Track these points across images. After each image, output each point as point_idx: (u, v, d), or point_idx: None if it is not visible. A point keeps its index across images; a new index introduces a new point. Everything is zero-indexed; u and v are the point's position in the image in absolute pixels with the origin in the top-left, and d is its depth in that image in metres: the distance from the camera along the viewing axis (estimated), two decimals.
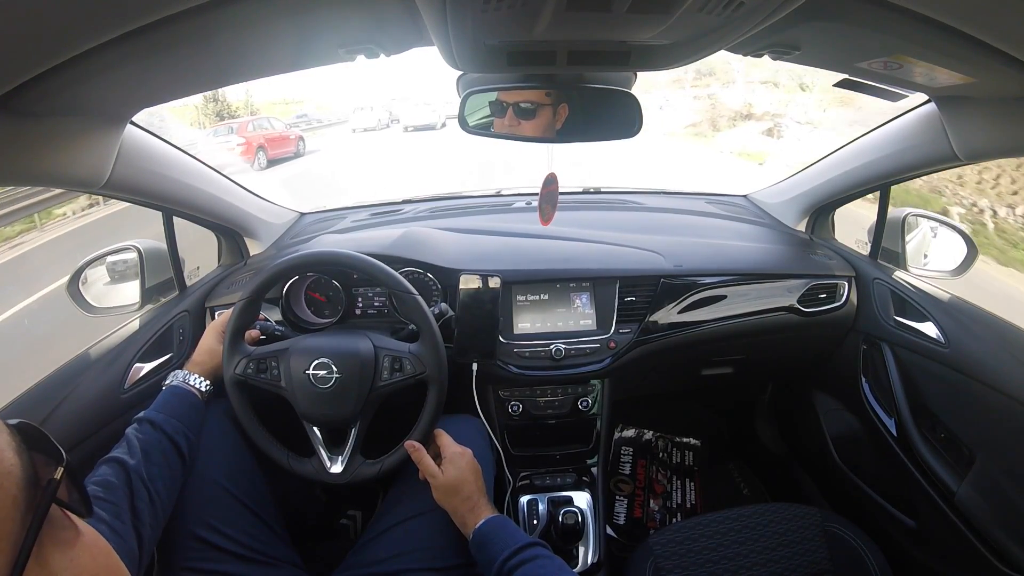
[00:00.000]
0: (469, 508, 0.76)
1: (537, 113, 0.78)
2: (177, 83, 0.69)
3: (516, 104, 0.78)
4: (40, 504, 0.29)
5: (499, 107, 0.79)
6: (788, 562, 0.87)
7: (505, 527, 0.74)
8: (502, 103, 0.78)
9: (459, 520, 0.76)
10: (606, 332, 1.08)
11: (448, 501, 0.77)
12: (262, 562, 0.76)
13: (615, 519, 1.33)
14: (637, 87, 0.78)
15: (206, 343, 0.91)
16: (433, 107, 15.90)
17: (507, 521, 0.76)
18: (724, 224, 1.35)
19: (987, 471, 0.87)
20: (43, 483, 0.30)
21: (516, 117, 0.79)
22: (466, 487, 0.77)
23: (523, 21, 0.48)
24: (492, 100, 0.78)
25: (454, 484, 0.76)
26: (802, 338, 1.22)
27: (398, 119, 16.78)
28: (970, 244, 1.10)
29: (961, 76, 0.64)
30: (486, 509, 0.76)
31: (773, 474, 1.52)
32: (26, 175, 0.67)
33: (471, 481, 0.77)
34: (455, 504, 0.76)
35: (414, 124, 15.42)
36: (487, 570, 0.70)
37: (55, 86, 0.54)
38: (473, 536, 0.74)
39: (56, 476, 0.31)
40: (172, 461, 0.74)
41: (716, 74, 16.32)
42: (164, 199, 0.97)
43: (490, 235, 1.22)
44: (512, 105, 0.78)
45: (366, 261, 0.86)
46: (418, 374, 0.83)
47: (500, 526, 0.74)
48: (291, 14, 0.53)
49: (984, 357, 0.91)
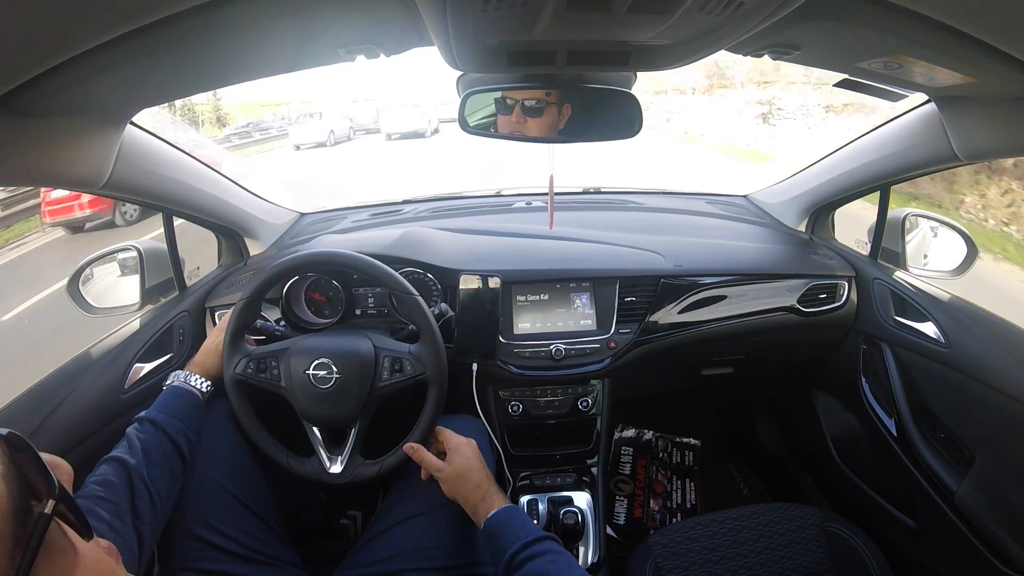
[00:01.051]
0: (480, 496, 0.74)
1: (544, 112, 0.78)
2: (177, 83, 0.69)
3: (523, 102, 0.77)
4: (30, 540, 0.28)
5: (505, 105, 0.78)
6: (788, 562, 0.87)
7: (517, 517, 0.73)
8: (507, 100, 0.78)
9: (470, 508, 0.75)
10: (606, 332, 1.08)
11: (458, 491, 0.75)
12: (262, 562, 0.76)
13: (615, 519, 1.32)
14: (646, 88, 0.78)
15: (208, 344, 0.92)
16: (422, 110, 13.94)
17: (519, 511, 0.75)
18: (724, 224, 1.35)
19: (987, 471, 0.87)
20: (34, 516, 0.28)
21: (523, 115, 0.78)
22: (475, 474, 0.76)
23: (523, 21, 0.48)
24: (497, 98, 0.78)
25: (462, 472, 0.75)
26: (802, 338, 1.22)
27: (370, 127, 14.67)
28: (970, 244, 1.10)
29: (961, 76, 0.64)
30: (498, 498, 0.75)
31: (773, 474, 1.52)
32: (26, 175, 0.67)
33: (479, 468, 0.77)
34: (466, 492, 0.75)
35: (399, 131, 13.37)
36: (496, 560, 0.69)
37: (55, 86, 0.54)
38: (484, 525, 0.72)
39: (46, 510, 0.29)
40: (173, 461, 0.74)
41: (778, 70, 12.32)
42: (164, 199, 0.97)
43: (490, 235, 1.22)
44: (519, 102, 0.78)
45: (366, 261, 0.86)
46: (418, 374, 0.83)
47: (512, 516, 0.73)
48: (291, 14, 0.53)
49: (984, 357, 0.91)
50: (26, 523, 0.28)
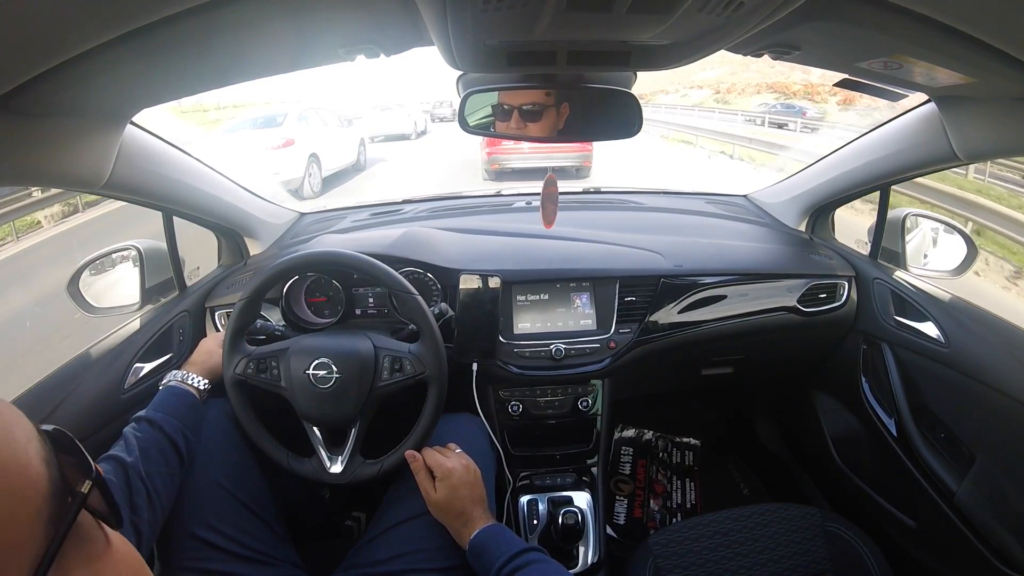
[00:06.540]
0: (463, 523, 0.76)
1: (543, 115, 0.78)
2: (177, 83, 0.69)
3: (521, 107, 0.78)
4: (65, 518, 0.28)
5: (503, 111, 0.78)
6: (788, 562, 0.87)
7: (500, 535, 0.75)
8: (504, 107, 0.78)
9: (455, 534, 0.77)
10: (606, 332, 1.08)
11: (442, 517, 0.78)
12: (262, 562, 0.76)
13: (615, 519, 1.33)
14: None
15: (205, 344, 0.91)
16: (407, 110, 13.17)
17: (502, 529, 0.77)
18: (724, 224, 1.35)
19: (987, 471, 0.87)
20: (70, 496, 0.29)
21: (522, 120, 0.78)
22: (457, 503, 0.77)
23: (523, 21, 0.48)
24: (494, 104, 0.78)
25: (446, 502, 0.77)
26: (802, 338, 1.22)
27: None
28: (970, 244, 1.10)
29: (961, 76, 0.64)
30: (481, 519, 0.76)
31: (773, 474, 1.52)
32: (26, 175, 0.67)
33: (464, 496, 0.77)
34: (448, 520, 0.77)
35: (383, 133, 12.35)
36: None
37: (55, 86, 0.53)
38: (469, 548, 0.74)
39: (84, 489, 0.30)
40: (170, 460, 0.74)
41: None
42: (164, 199, 0.97)
43: (490, 235, 1.22)
44: (517, 108, 0.78)
45: (366, 261, 0.86)
46: (418, 374, 0.83)
47: (495, 534, 0.75)
48: (291, 14, 0.53)
49: (984, 357, 0.91)
50: (63, 503, 0.29)
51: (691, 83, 35.16)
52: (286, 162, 6.37)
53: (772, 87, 15.38)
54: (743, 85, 29.92)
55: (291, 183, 6.39)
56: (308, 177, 6.70)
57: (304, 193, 6.59)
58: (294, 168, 6.48)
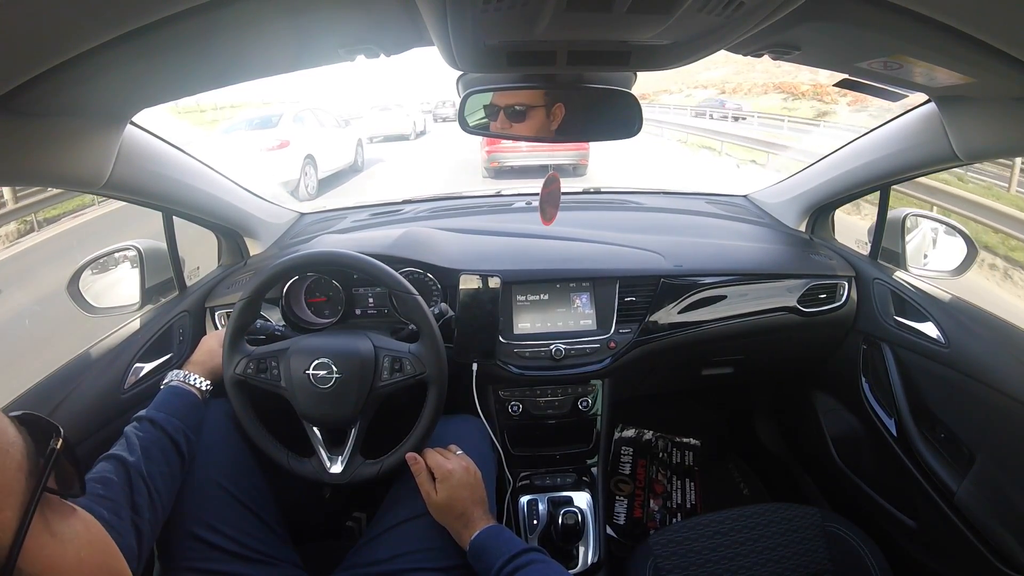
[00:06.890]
0: (463, 524, 0.76)
1: (528, 115, 0.79)
2: (177, 83, 0.69)
3: (507, 107, 0.79)
4: (44, 469, 0.34)
5: (492, 110, 0.80)
6: (788, 562, 0.87)
7: (500, 535, 0.75)
8: (494, 106, 0.80)
9: (455, 535, 0.77)
10: (606, 332, 1.08)
11: (443, 519, 0.78)
12: (262, 562, 0.76)
13: (615, 519, 1.32)
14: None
15: (206, 344, 0.91)
16: (406, 110, 13.04)
17: (502, 530, 0.77)
18: (724, 224, 1.35)
19: (987, 471, 0.87)
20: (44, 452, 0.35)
21: (508, 120, 0.80)
22: (458, 505, 0.77)
23: (523, 21, 0.48)
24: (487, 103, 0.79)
25: (446, 503, 0.77)
26: (802, 338, 1.22)
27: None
28: (970, 244, 1.10)
29: (961, 76, 0.64)
30: (481, 520, 0.77)
31: (773, 474, 1.52)
32: (26, 175, 0.67)
33: (464, 498, 0.78)
34: (448, 522, 0.78)
35: (381, 134, 12.21)
36: None
37: (55, 86, 0.54)
38: (469, 548, 0.75)
39: (56, 446, 0.35)
40: (171, 459, 0.74)
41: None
42: (164, 199, 0.97)
43: (490, 235, 1.22)
44: (503, 108, 0.79)
45: (366, 261, 0.86)
46: (418, 374, 0.83)
47: (495, 535, 0.75)
48: (291, 14, 0.53)
49: (984, 357, 0.91)
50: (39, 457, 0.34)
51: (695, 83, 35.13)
52: (281, 164, 6.23)
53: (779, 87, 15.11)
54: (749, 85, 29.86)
55: (287, 185, 6.26)
56: (304, 179, 6.57)
57: (300, 195, 6.44)
58: (289, 170, 6.32)
